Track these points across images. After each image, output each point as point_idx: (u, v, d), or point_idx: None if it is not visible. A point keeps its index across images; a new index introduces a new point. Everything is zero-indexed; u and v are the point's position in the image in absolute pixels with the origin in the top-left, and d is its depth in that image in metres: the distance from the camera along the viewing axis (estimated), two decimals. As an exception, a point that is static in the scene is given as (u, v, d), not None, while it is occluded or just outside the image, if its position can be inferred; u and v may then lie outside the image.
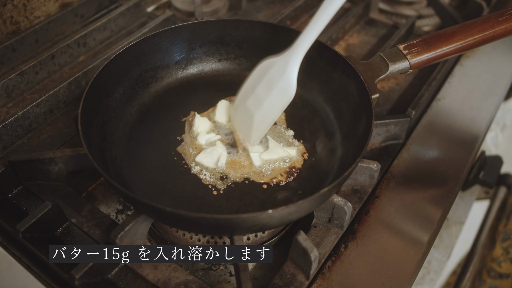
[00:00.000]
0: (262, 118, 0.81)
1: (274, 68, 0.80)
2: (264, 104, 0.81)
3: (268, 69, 0.81)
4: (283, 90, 0.79)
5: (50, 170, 0.80)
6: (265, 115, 0.81)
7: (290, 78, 0.79)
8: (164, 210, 0.63)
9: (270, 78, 0.80)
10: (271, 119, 0.82)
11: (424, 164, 0.90)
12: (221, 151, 0.83)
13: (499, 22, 0.85)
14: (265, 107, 0.81)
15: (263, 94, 0.81)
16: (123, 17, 1.18)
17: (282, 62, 0.79)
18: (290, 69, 0.79)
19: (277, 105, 0.81)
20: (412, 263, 0.74)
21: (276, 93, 0.80)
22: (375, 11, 1.30)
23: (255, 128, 0.82)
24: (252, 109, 0.82)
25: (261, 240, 0.80)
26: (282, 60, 0.79)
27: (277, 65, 0.80)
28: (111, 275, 0.71)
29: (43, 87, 1.03)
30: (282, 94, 0.80)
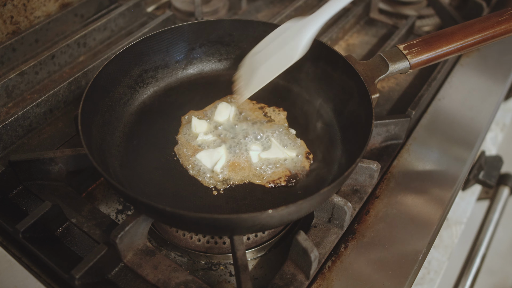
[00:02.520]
0: (264, 71, 0.84)
1: (292, 28, 0.83)
2: (271, 59, 0.83)
3: (287, 28, 0.84)
4: (291, 50, 0.82)
5: (50, 170, 0.80)
6: (268, 70, 0.84)
7: (301, 41, 0.81)
8: (164, 210, 0.63)
9: (285, 36, 0.83)
10: (272, 75, 0.84)
11: (424, 164, 0.90)
12: (221, 155, 0.83)
13: (499, 22, 0.85)
14: (271, 62, 0.83)
15: (272, 50, 0.84)
16: (123, 17, 1.18)
17: (300, 24, 0.82)
18: (304, 32, 0.81)
19: (281, 62, 0.83)
20: (412, 263, 0.74)
21: (284, 51, 0.82)
22: (375, 11, 1.30)
23: (255, 79, 0.84)
24: (258, 62, 0.84)
25: (261, 240, 0.80)
26: (301, 22, 0.82)
27: (295, 26, 0.83)
28: (111, 275, 0.71)
29: (43, 87, 1.03)
30: (289, 53, 0.82)
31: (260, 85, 0.85)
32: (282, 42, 0.83)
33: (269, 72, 0.84)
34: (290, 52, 0.82)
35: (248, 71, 0.86)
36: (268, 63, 0.83)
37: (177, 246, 0.80)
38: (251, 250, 0.79)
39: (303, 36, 0.81)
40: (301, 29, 0.81)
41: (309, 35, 0.81)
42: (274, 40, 0.85)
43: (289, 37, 0.82)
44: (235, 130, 0.88)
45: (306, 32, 0.81)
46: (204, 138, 0.86)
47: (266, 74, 0.84)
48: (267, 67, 0.84)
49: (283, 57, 0.83)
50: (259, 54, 0.85)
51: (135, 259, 0.71)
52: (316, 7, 1.32)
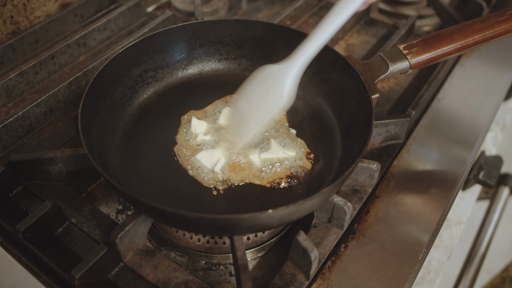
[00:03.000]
0: (254, 122, 0.82)
1: (273, 76, 0.80)
2: (259, 109, 0.81)
3: (267, 77, 0.81)
4: (278, 99, 0.80)
5: (50, 170, 0.80)
6: (258, 120, 0.82)
7: (287, 88, 0.79)
8: (164, 210, 0.63)
9: (268, 85, 0.81)
10: (263, 124, 0.83)
11: (424, 164, 0.90)
12: (220, 156, 0.83)
13: (499, 22, 0.85)
14: (259, 113, 0.81)
15: (259, 100, 0.81)
16: (123, 17, 1.18)
17: (281, 72, 0.79)
18: (288, 80, 0.78)
19: (270, 111, 0.81)
20: (412, 263, 0.74)
21: (271, 101, 0.80)
22: (375, 11, 1.30)
23: (246, 131, 0.83)
24: (247, 113, 0.82)
25: (261, 240, 0.80)
26: (282, 69, 0.79)
27: (276, 73, 0.80)
28: (111, 275, 0.71)
29: (43, 87, 1.03)
30: (277, 102, 0.80)
31: (253, 135, 0.84)
32: (267, 91, 0.81)
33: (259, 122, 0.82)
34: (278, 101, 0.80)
35: (237, 123, 0.85)
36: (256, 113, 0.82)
37: (177, 246, 0.80)
38: (251, 250, 0.79)
39: (289, 82, 0.78)
40: (285, 75, 0.79)
41: (294, 79, 0.79)
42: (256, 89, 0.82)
43: (274, 85, 0.80)
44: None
45: (291, 77, 0.78)
46: (204, 138, 0.86)
47: (256, 124, 0.82)
48: (256, 117, 0.82)
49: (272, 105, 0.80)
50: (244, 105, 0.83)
51: (135, 259, 0.71)
52: (316, 7, 1.32)
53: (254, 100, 0.82)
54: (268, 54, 0.99)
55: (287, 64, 0.79)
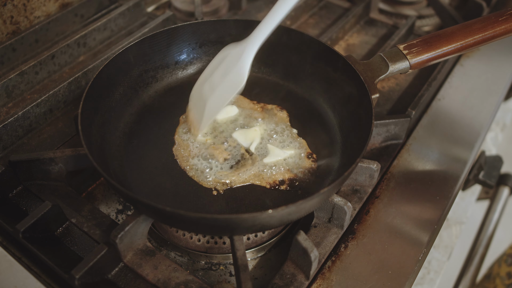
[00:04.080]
0: (213, 104, 0.83)
1: (230, 55, 0.83)
2: (217, 90, 0.83)
3: (225, 56, 0.83)
4: (235, 78, 0.82)
5: (50, 170, 0.80)
6: (216, 101, 0.83)
7: (243, 67, 0.81)
8: (164, 210, 0.63)
9: (225, 65, 0.83)
10: (221, 105, 0.84)
11: (424, 164, 0.90)
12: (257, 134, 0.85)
13: (499, 22, 0.85)
14: (217, 94, 0.83)
15: (217, 80, 0.83)
16: (123, 17, 1.18)
17: (237, 51, 0.82)
18: (244, 59, 0.81)
19: (228, 92, 0.83)
20: (412, 263, 0.74)
21: (228, 80, 0.82)
22: (375, 11, 1.30)
23: (206, 113, 0.84)
24: (206, 94, 0.84)
25: (261, 240, 0.80)
26: (238, 48, 0.82)
27: (233, 53, 0.82)
28: (111, 275, 0.71)
29: (43, 87, 1.03)
30: (233, 82, 0.82)
31: (213, 115, 0.85)
32: (225, 71, 0.83)
33: (218, 102, 0.83)
34: (235, 79, 0.82)
35: (198, 105, 0.86)
36: (216, 93, 0.83)
37: (177, 246, 0.80)
38: (251, 250, 0.79)
39: (244, 61, 0.81)
40: (241, 54, 0.81)
41: (250, 59, 0.81)
42: (215, 69, 0.84)
43: (231, 64, 0.82)
44: (233, 135, 0.88)
45: (247, 57, 0.81)
46: (202, 139, 0.86)
47: (216, 104, 0.84)
48: (216, 97, 0.83)
49: (229, 85, 0.82)
50: (204, 86, 0.85)
51: (135, 259, 0.71)
52: (316, 7, 1.32)
53: (213, 82, 0.83)
54: (268, 54, 0.99)
55: (244, 44, 0.82)
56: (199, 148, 0.85)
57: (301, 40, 0.94)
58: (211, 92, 0.83)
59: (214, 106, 0.83)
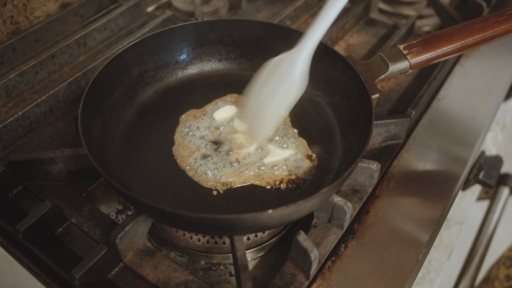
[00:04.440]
0: (272, 113, 0.83)
1: (284, 65, 0.81)
2: (272, 102, 0.82)
3: (277, 67, 0.82)
4: (290, 87, 0.81)
5: (50, 170, 0.80)
6: (276, 110, 0.83)
7: (299, 74, 0.80)
8: (164, 210, 0.63)
9: (280, 75, 0.82)
10: (281, 113, 0.84)
11: (424, 164, 0.90)
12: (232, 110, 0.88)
13: (499, 22, 0.85)
14: (273, 105, 0.82)
15: (271, 92, 0.82)
16: (123, 17, 1.18)
17: (290, 59, 0.81)
18: (299, 66, 0.80)
19: (284, 102, 0.82)
20: (412, 263, 0.74)
21: (285, 89, 0.81)
22: (375, 11, 1.30)
23: (266, 123, 0.84)
24: (260, 107, 0.83)
25: (261, 240, 0.80)
26: (291, 56, 0.81)
27: (286, 62, 0.81)
28: (111, 275, 0.71)
29: (43, 87, 1.03)
30: (291, 90, 0.81)
31: (273, 126, 0.85)
32: (279, 80, 0.82)
33: (277, 112, 0.83)
34: (293, 88, 0.81)
35: (255, 118, 0.85)
36: (273, 104, 0.83)
37: (177, 246, 0.80)
38: (251, 250, 0.79)
39: (300, 68, 0.80)
40: (296, 61, 0.80)
41: (305, 64, 0.80)
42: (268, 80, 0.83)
43: (286, 73, 0.81)
44: (235, 136, 0.88)
45: (302, 63, 0.80)
46: (206, 134, 0.87)
47: (275, 115, 0.83)
48: (273, 108, 0.83)
49: (287, 94, 0.82)
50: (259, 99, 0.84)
51: (135, 259, 0.71)
52: (316, 7, 1.32)
53: (265, 93, 0.83)
54: (268, 54, 0.99)
55: (294, 51, 0.80)
56: (198, 148, 0.85)
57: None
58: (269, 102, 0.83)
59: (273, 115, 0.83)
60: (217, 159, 0.83)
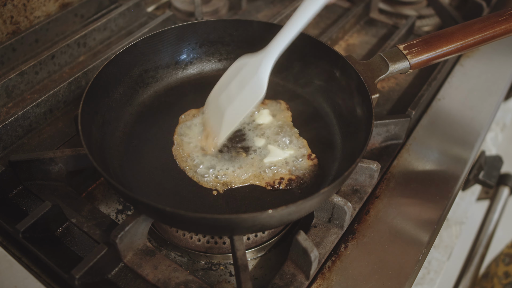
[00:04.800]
0: (232, 114, 0.82)
1: (248, 66, 0.81)
2: (235, 101, 0.82)
3: (242, 67, 0.82)
4: (254, 89, 0.81)
5: (50, 170, 0.80)
6: (235, 112, 0.82)
7: (261, 79, 0.80)
8: (164, 210, 0.63)
9: (243, 76, 0.82)
10: (241, 116, 0.83)
11: (424, 164, 0.90)
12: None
13: (499, 22, 0.85)
14: (236, 104, 0.82)
15: (235, 91, 0.82)
16: (123, 17, 1.18)
17: (255, 61, 0.81)
18: (262, 70, 0.80)
19: (247, 103, 0.82)
20: (412, 263, 0.74)
21: (247, 91, 0.81)
22: (375, 11, 1.30)
23: (224, 124, 0.83)
24: (224, 105, 0.83)
25: (261, 240, 0.80)
26: (256, 59, 0.81)
27: (250, 63, 0.81)
28: (111, 275, 0.71)
29: (43, 87, 1.03)
30: (252, 93, 0.81)
31: (232, 126, 0.83)
32: (242, 82, 0.81)
33: (237, 113, 0.82)
34: (254, 91, 0.81)
35: (215, 115, 0.85)
36: (233, 104, 0.82)
37: (177, 246, 0.80)
38: (251, 250, 0.79)
39: (263, 72, 0.79)
40: (259, 65, 0.80)
41: (268, 70, 0.80)
42: (232, 79, 0.83)
43: (248, 75, 0.81)
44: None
45: (265, 68, 0.79)
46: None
47: (234, 115, 0.82)
48: (234, 108, 0.82)
49: (248, 96, 0.81)
50: (221, 96, 0.83)
51: (135, 259, 0.71)
52: (316, 7, 1.32)
53: (231, 93, 0.82)
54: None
55: (262, 54, 0.80)
56: (198, 148, 0.85)
57: (301, 40, 0.94)
58: (229, 103, 0.82)
59: (232, 117, 0.82)
60: (217, 159, 0.83)
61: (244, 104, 0.82)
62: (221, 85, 0.85)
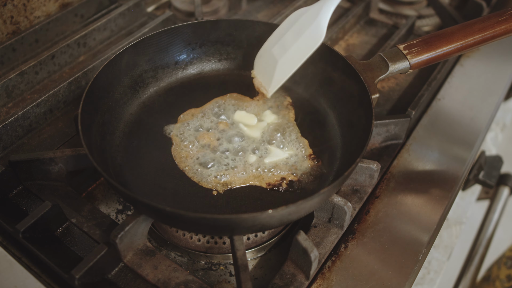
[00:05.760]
0: (285, 63, 0.83)
1: (306, 15, 0.82)
2: (290, 49, 0.82)
3: (299, 17, 0.83)
4: (312, 36, 0.81)
5: (50, 170, 0.80)
6: (289, 61, 0.83)
7: (321, 24, 0.80)
8: (164, 210, 0.63)
9: (300, 24, 0.82)
10: (295, 65, 0.83)
11: (424, 164, 0.90)
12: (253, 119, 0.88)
13: (499, 22, 0.85)
14: (291, 53, 0.82)
15: (290, 40, 0.82)
16: (123, 17, 1.18)
17: (314, 9, 0.81)
18: (322, 15, 0.80)
19: (303, 51, 0.82)
20: (412, 263, 0.74)
21: (304, 38, 0.81)
22: (375, 11, 1.30)
23: (277, 74, 0.83)
24: (277, 54, 0.83)
25: (261, 240, 0.80)
26: (315, 7, 0.81)
27: (309, 12, 0.82)
28: (111, 275, 0.71)
29: (43, 87, 1.03)
30: (310, 39, 0.81)
31: (285, 77, 0.84)
32: (299, 30, 0.81)
33: (291, 62, 0.83)
34: (313, 36, 0.81)
35: (268, 66, 0.85)
36: (288, 53, 0.82)
37: (177, 246, 0.80)
38: (251, 250, 0.79)
39: (323, 17, 0.80)
40: (319, 10, 0.80)
41: (329, 14, 0.80)
42: (287, 30, 0.83)
43: (306, 23, 0.81)
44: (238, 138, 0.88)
45: (325, 12, 0.80)
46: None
47: (288, 64, 0.83)
48: (288, 57, 0.82)
49: (306, 42, 0.81)
50: (274, 47, 0.84)
51: (135, 259, 0.71)
52: (316, 7, 1.32)
53: (286, 42, 0.82)
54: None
55: (323, 3, 0.81)
56: (197, 148, 0.85)
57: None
58: (283, 52, 0.82)
59: (287, 66, 0.83)
60: (217, 159, 0.83)
61: (301, 51, 0.82)
62: (274, 37, 0.85)
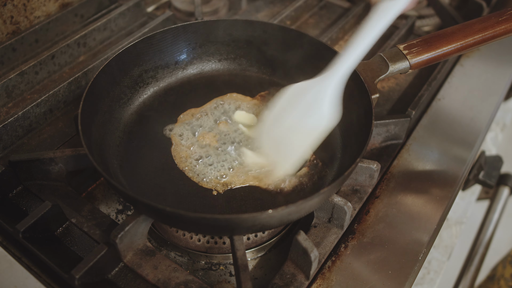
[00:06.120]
0: (299, 145, 0.76)
1: (312, 93, 0.76)
2: (301, 131, 0.76)
3: (303, 94, 0.76)
4: (323, 117, 0.75)
5: (50, 170, 0.80)
6: (302, 142, 0.77)
7: (331, 104, 0.75)
8: (164, 210, 0.63)
9: (308, 104, 0.76)
10: (309, 146, 0.77)
11: (424, 164, 0.90)
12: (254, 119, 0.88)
13: (499, 22, 0.85)
14: (302, 134, 0.76)
15: (300, 120, 0.76)
16: (123, 17, 1.18)
17: (321, 87, 0.75)
18: (330, 94, 0.74)
19: (314, 132, 0.76)
20: (412, 263, 0.74)
21: (314, 120, 0.75)
22: (375, 11, 1.30)
23: (292, 155, 0.77)
24: (287, 135, 0.77)
25: (261, 240, 0.80)
26: (321, 84, 0.75)
27: (315, 90, 0.76)
28: (111, 275, 0.71)
29: (43, 87, 1.03)
30: (321, 121, 0.75)
31: (300, 159, 0.78)
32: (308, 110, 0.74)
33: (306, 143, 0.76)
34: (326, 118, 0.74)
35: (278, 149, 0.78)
36: (302, 135, 0.75)
37: (177, 246, 0.80)
38: (251, 250, 0.79)
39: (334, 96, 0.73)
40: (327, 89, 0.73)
41: (339, 92, 0.73)
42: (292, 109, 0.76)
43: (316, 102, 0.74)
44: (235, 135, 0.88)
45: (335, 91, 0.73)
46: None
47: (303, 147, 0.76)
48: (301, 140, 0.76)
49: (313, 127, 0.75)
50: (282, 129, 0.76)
51: (135, 259, 0.71)
52: (316, 7, 1.32)
53: (288, 122, 0.76)
54: (268, 55, 0.99)
55: (328, 78, 0.75)
56: (196, 148, 0.85)
57: (301, 40, 0.94)
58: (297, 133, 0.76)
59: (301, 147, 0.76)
60: (217, 160, 0.83)
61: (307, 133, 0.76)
62: (276, 115, 0.77)
